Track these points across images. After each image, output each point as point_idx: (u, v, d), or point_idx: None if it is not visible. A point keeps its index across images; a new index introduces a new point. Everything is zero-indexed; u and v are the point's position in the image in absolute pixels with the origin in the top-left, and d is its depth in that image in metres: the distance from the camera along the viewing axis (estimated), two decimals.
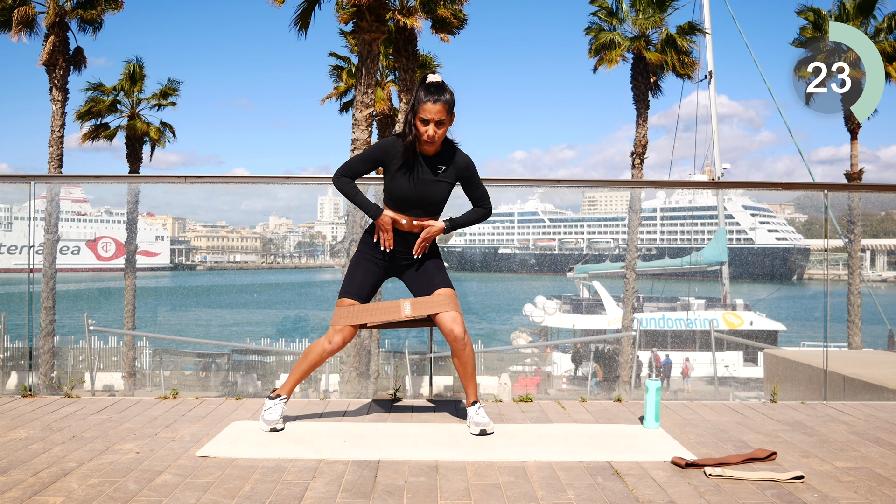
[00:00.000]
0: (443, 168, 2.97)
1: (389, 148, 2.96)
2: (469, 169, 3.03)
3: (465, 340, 2.96)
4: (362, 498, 2.16)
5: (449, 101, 2.87)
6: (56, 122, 17.64)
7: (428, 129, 2.86)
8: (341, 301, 3.02)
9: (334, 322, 2.99)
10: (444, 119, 2.87)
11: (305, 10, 14.58)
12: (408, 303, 3.00)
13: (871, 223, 69.39)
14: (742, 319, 22.55)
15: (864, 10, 18.54)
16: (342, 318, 2.98)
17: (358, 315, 2.98)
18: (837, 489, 2.28)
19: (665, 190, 47.68)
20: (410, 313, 2.99)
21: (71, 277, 50.48)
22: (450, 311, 2.96)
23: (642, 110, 18.71)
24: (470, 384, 3.03)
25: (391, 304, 3.02)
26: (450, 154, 3.00)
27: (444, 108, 2.85)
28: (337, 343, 2.97)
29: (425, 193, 2.95)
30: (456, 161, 3.00)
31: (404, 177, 2.93)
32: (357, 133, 13.23)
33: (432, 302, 2.98)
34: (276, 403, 2.99)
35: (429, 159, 2.96)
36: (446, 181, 2.99)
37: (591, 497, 2.19)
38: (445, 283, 3.05)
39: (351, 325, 2.97)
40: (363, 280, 3.03)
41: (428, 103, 2.84)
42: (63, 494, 2.16)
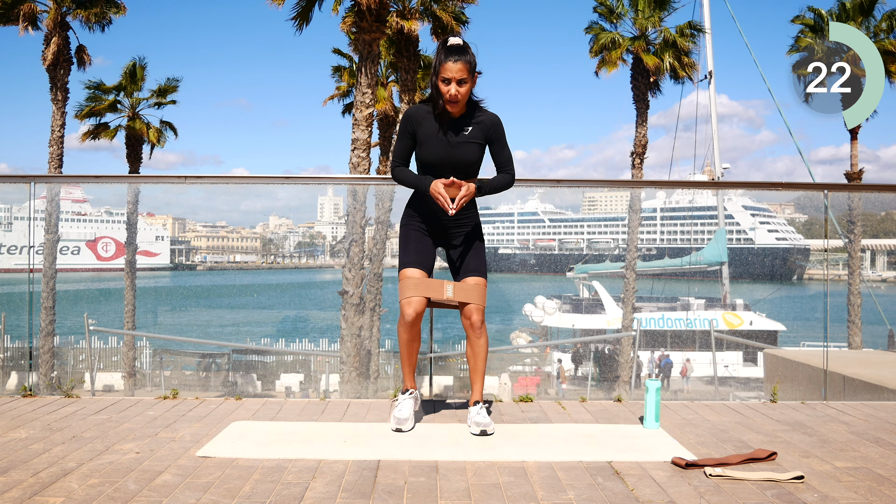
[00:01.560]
0: (469, 129, 2.96)
1: (414, 115, 2.97)
2: (496, 128, 3.00)
3: (481, 330, 2.98)
4: (362, 498, 2.16)
5: (470, 61, 2.86)
6: (56, 122, 17.65)
7: (450, 88, 2.85)
8: (402, 273, 3.00)
9: (401, 296, 2.97)
10: (465, 78, 2.84)
11: (305, 8, 14.60)
12: (451, 286, 2.99)
13: (871, 223, 69.38)
14: (742, 319, 22.56)
15: (863, 11, 18.55)
16: (407, 290, 2.95)
17: (415, 286, 2.95)
18: (837, 489, 2.28)
19: (665, 190, 47.68)
20: (452, 297, 2.98)
21: (71, 277, 50.49)
22: (475, 302, 2.98)
23: (642, 110, 18.72)
24: (477, 380, 3.04)
25: (438, 283, 3.00)
26: (476, 114, 2.98)
27: (465, 67, 2.84)
28: (410, 315, 2.92)
29: (454, 156, 2.94)
30: (482, 120, 2.98)
31: (432, 142, 2.93)
32: (357, 133, 13.23)
33: (465, 290, 2.99)
34: (406, 398, 3.02)
35: (455, 121, 2.95)
36: (475, 142, 2.96)
37: (591, 497, 2.19)
38: (480, 269, 3.05)
39: (417, 295, 2.94)
40: (416, 247, 3.03)
41: (449, 62, 2.83)
42: (63, 494, 2.16)
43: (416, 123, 2.95)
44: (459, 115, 2.96)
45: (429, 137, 2.94)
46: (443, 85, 2.86)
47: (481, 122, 2.97)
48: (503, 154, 3.04)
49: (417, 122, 2.95)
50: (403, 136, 3.00)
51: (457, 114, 2.95)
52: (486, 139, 2.99)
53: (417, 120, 2.95)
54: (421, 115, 2.96)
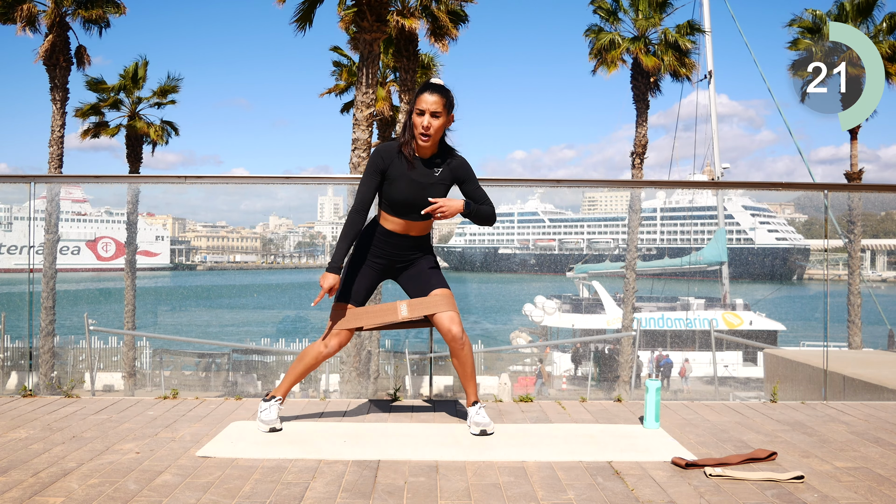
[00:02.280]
0: (438, 171, 2.96)
1: (384, 152, 2.94)
2: (464, 167, 3.00)
3: (463, 340, 2.95)
4: (362, 498, 2.16)
5: (447, 96, 2.88)
6: (56, 121, 17.64)
7: (423, 119, 2.85)
8: (337, 305, 3.01)
9: (330, 326, 2.99)
10: (439, 111, 2.85)
11: (307, 9, 14.59)
12: (404, 304, 3.00)
13: (871, 223, 69.39)
14: (741, 319, 22.55)
15: (863, 11, 18.55)
16: (338, 322, 2.98)
17: (355, 319, 2.98)
18: (837, 489, 2.28)
19: (665, 190, 47.69)
20: (407, 315, 2.98)
21: (71, 277, 50.50)
22: (447, 311, 2.95)
23: (642, 110, 18.72)
24: (470, 384, 3.03)
25: (387, 306, 3.02)
26: (445, 156, 2.99)
27: (440, 101, 2.85)
28: (333, 347, 2.97)
29: (422, 196, 2.93)
30: (450, 161, 2.99)
31: (400, 180, 2.92)
32: (357, 133, 13.23)
33: (429, 303, 2.98)
34: (272, 405, 2.99)
35: (425, 162, 2.95)
36: (442, 183, 2.97)
37: (591, 497, 2.19)
38: (442, 283, 3.04)
39: (347, 328, 2.97)
40: (358, 284, 3.03)
41: (425, 94, 2.86)
42: (63, 494, 2.16)
43: (388, 161, 2.92)
44: (430, 156, 2.96)
45: (399, 177, 2.92)
46: (417, 117, 2.87)
47: (450, 164, 2.98)
48: (478, 192, 3.03)
49: (389, 160, 2.92)
50: (372, 174, 2.92)
51: (427, 153, 2.94)
52: (453, 180, 3.00)
53: (389, 158, 2.92)
54: (393, 153, 2.93)
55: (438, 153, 2.98)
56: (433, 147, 2.94)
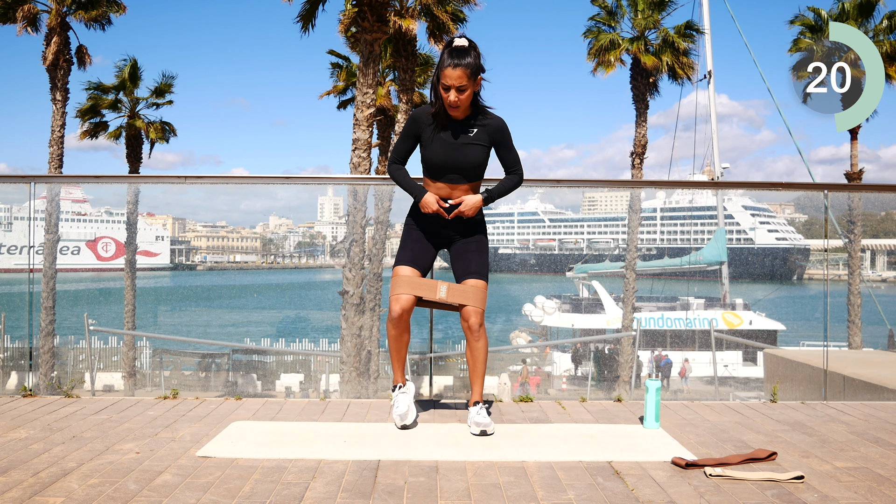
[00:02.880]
0: (473, 131, 2.96)
1: (419, 117, 2.98)
2: (501, 132, 3.00)
3: (479, 333, 2.99)
4: (362, 498, 2.16)
5: (471, 66, 2.83)
6: (56, 122, 17.65)
7: (449, 95, 2.85)
8: (396, 270, 3.03)
9: (391, 292, 3.01)
10: (465, 84, 2.83)
11: (309, 10, 14.61)
12: (445, 287, 3.02)
13: (871, 223, 69.41)
14: (741, 319, 22.56)
15: (863, 11, 18.55)
16: (397, 287, 2.99)
17: (412, 286, 2.99)
18: (837, 489, 2.28)
19: (665, 190, 47.69)
20: (445, 297, 3.00)
21: (71, 277, 50.50)
22: (474, 305, 2.99)
23: (642, 110, 18.72)
24: (477, 381, 3.05)
25: (432, 283, 3.03)
26: (480, 117, 2.98)
27: (464, 74, 2.82)
28: (396, 311, 2.96)
29: (458, 158, 2.94)
30: (487, 123, 2.98)
31: (436, 143, 2.94)
32: (358, 133, 13.22)
33: (462, 291, 3.00)
34: (397, 394, 3.03)
35: (459, 123, 2.95)
36: (479, 143, 2.96)
37: (591, 497, 2.19)
38: (480, 272, 3.05)
39: (406, 293, 2.97)
40: (415, 247, 3.06)
41: (448, 69, 2.82)
42: (63, 494, 2.16)
43: (422, 126, 2.96)
44: (464, 118, 2.97)
45: (433, 139, 2.95)
46: (443, 91, 2.86)
47: (486, 126, 2.97)
48: (510, 156, 3.05)
49: (423, 125, 2.96)
50: (406, 136, 3.01)
51: (460, 117, 2.95)
52: (490, 142, 3.00)
53: (423, 122, 2.97)
54: (426, 118, 2.97)
55: (472, 114, 2.98)
56: (465, 111, 2.95)
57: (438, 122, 2.94)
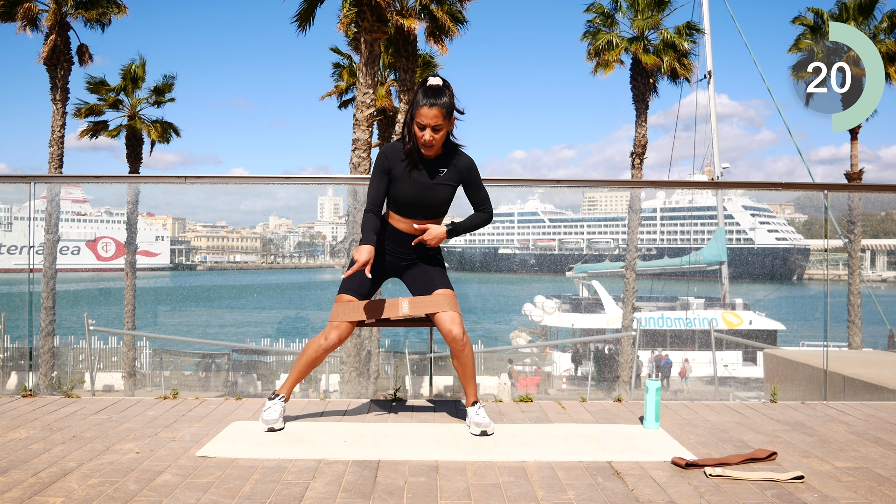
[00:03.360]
0: (444, 171, 2.96)
1: (390, 153, 2.95)
2: (471, 171, 3.01)
3: (463, 341, 2.94)
4: (362, 498, 2.16)
5: (447, 105, 2.83)
6: (56, 122, 17.64)
7: (425, 134, 2.84)
8: (340, 297, 3.00)
9: (332, 318, 2.97)
10: (440, 124, 2.83)
11: (307, 9, 14.60)
12: (406, 301, 3.00)
13: (871, 223, 69.43)
14: (741, 319, 22.56)
15: (864, 11, 18.55)
16: (339, 315, 2.96)
17: (355, 312, 2.97)
18: (837, 489, 2.28)
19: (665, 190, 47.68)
20: (408, 311, 2.98)
21: (71, 277, 50.51)
22: (448, 312, 2.94)
23: (642, 110, 18.72)
24: (470, 385, 3.03)
25: (389, 301, 3.02)
26: (451, 156, 2.98)
27: (440, 113, 2.81)
28: (333, 340, 2.95)
29: (428, 198, 2.94)
30: (457, 163, 2.98)
31: (405, 181, 2.93)
32: (358, 133, 13.23)
33: (431, 302, 2.98)
34: (275, 403, 2.98)
35: (430, 162, 2.95)
36: (447, 184, 2.97)
37: (591, 497, 2.19)
38: (445, 284, 3.04)
39: (348, 321, 2.95)
40: (363, 277, 3.01)
41: (424, 108, 2.81)
42: (63, 494, 2.16)
43: (393, 162, 2.94)
44: (435, 157, 2.96)
45: (403, 176, 2.93)
46: (418, 130, 2.85)
47: (456, 165, 2.98)
48: (479, 195, 3.06)
49: (394, 161, 2.94)
50: (378, 174, 2.96)
51: (432, 156, 2.95)
52: (459, 182, 3.01)
53: (394, 158, 2.94)
54: (398, 154, 2.94)
55: (444, 154, 2.97)
56: (438, 150, 2.95)
57: (411, 160, 2.92)
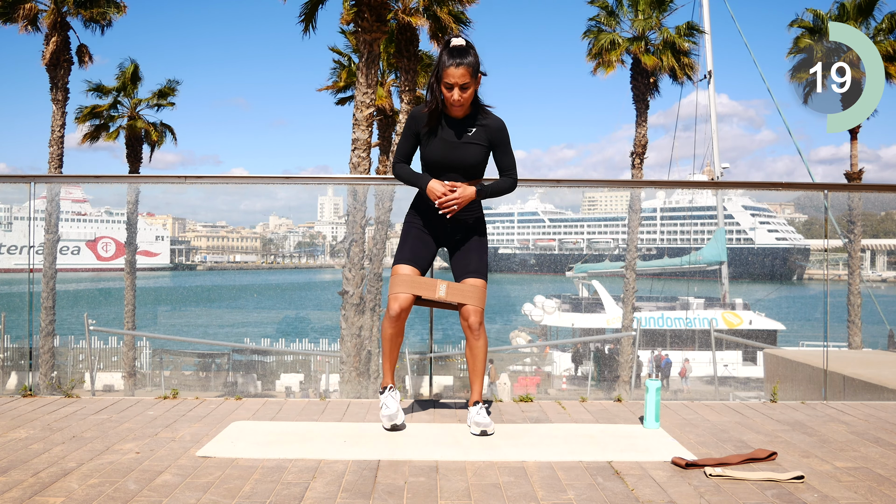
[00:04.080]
0: (472, 130, 2.97)
1: (418, 115, 2.99)
2: (501, 132, 3.00)
3: (479, 332, 2.99)
4: (362, 498, 2.16)
5: (472, 64, 2.85)
6: (56, 122, 17.64)
7: (453, 93, 2.86)
8: (395, 269, 3.02)
9: (390, 291, 2.99)
10: (468, 82, 2.85)
11: (310, 10, 14.62)
12: (444, 285, 3.01)
13: (871, 223, 69.46)
14: (741, 319, 22.56)
15: (863, 11, 18.55)
16: (395, 286, 2.98)
17: (411, 284, 2.98)
18: (837, 489, 2.28)
19: (665, 190, 47.68)
20: (444, 296, 3.00)
21: (71, 277, 50.48)
22: (473, 304, 2.98)
23: (642, 110, 18.72)
24: (476, 381, 3.04)
25: (431, 282, 3.02)
26: (480, 117, 2.99)
27: (467, 72, 2.83)
28: (394, 310, 2.95)
29: (457, 157, 2.95)
30: (487, 123, 2.99)
31: (434, 142, 2.95)
32: (358, 133, 13.23)
33: (461, 291, 3.00)
34: (386, 396, 3.01)
35: (458, 122, 2.96)
36: (478, 143, 2.97)
37: (591, 497, 2.19)
38: (480, 271, 3.05)
39: (405, 292, 2.96)
40: (414, 246, 3.05)
41: (451, 67, 2.83)
42: (63, 494, 2.16)
43: (421, 123, 2.98)
44: (464, 117, 2.97)
45: (431, 137, 2.96)
46: (446, 90, 2.87)
47: (486, 126, 2.98)
48: (506, 159, 3.05)
49: (422, 122, 2.97)
50: (407, 135, 3.02)
51: (461, 115, 2.96)
52: (489, 143, 3.00)
53: (422, 120, 2.98)
54: (425, 115, 2.98)
55: (472, 114, 2.98)
56: (466, 110, 2.96)
57: (434, 120, 2.94)
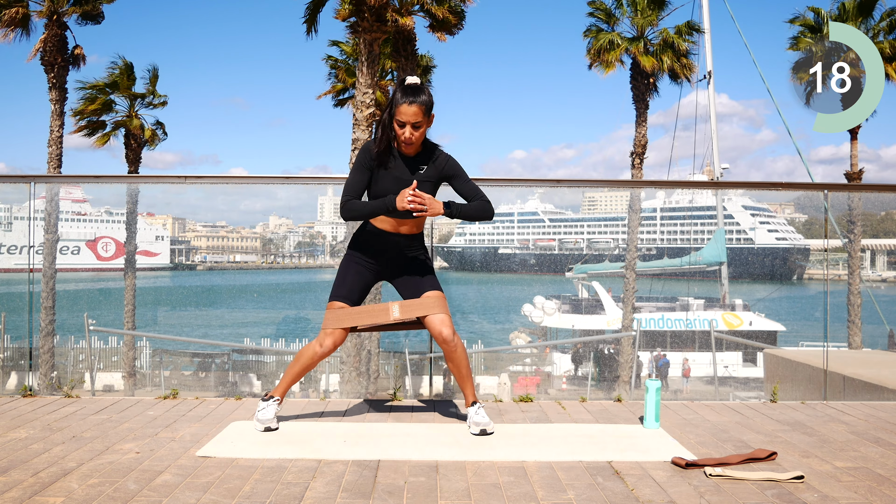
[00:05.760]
0: (423, 168, 2.97)
1: (372, 149, 2.96)
2: (450, 164, 3.00)
3: (455, 342, 2.95)
4: (362, 498, 2.16)
5: (426, 103, 2.86)
6: (55, 122, 17.61)
7: (404, 131, 2.86)
8: (331, 304, 3.02)
9: (324, 325, 2.99)
10: (420, 121, 2.86)
11: (312, 13, 14.62)
12: (396, 305, 3.00)
13: (871, 223, 69.46)
14: (741, 320, 22.55)
15: (863, 11, 18.55)
16: (332, 321, 2.98)
17: (348, 318, 2.98)
18: (837, 489, 2.28)
19: (665, 190, 47.69)
20: (399, 316, 2.98)
21: (71, 277, 50.47)
22: (438, 314, 2.95)
23: (642, 110, 18.72)
24: (467, 385, 3.03)
25: (380, 306, 3.02)
26: (430, 153, 3.00)
27: (420, 110, 2.84)
28: (328, 346, 2.97)
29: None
30: (436, 159, 3.00)
31: (385, 179, 2.94)
32: (357, 133, 13.23)
33: (421, 304, 2.98)
34: (270, 404, 2.99)
35: (409, 160, 2.97)
36: (428, 181, 2.97)
37: (591, 497, 2.19)
38: (434, 286, 3.04)
39: (341, 328, 2.97)
40: (353, 283, 3.03)
41: (404, 105, 2.83)
42: (63, 494, 2.16)
43: (372, 159, 2.95)
44: (415, 154, 2.97)
45: (383, 175, 2.94)
46: (398, 127, 2.87)
47: (436, 162, 2.99)
48: (467, 186, 3.02)
49: (376, 157, 2.94)
50: (360, 169, 2.95)
51: (412, 153, 2.96)
52: (440, 178, 3.00)
53: (373, 156, 2.95)
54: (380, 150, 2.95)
55: (422, 151, 2.99)
56: (417, 148, 2.97)
57: (386, 156, 2.93)
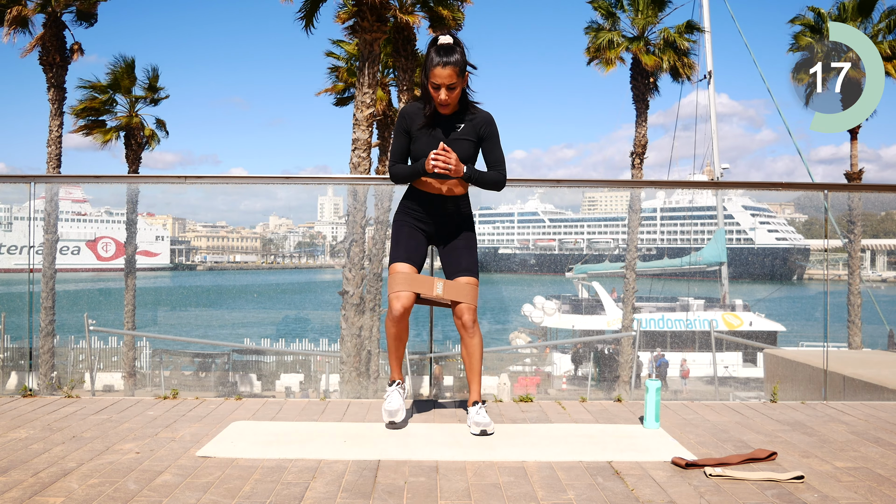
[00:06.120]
0: (461, 126, 2.99)
1: (409, 113, 3.02)
2: (489, 125, 3.02)
3: (474, 330, 3.02)
4: (362, 498, 2.16)
5: (459, 63, 2.86)
6: (54, 121, 17.60)
7: (440, 93, 2.88)
8: (392, 268, 3.03)
9: (389, 290, 3.01)
10: (454, 82, 2.87)
11: (310, 10, 14.61)
12: (441, 283, 3.03)
13: (871, 223, 69.44)
14: (741, 320, 22.54)
15: (863, 10, 18.55)
16: (395, 284, 2.98)
17: (411, 282, 2.99)
18: (837, 489, 2.28)
19: (665, 190, 47.68)
20: (441, 294, 3.01)
21: (71, 277, 50.45)
22: (466, 302, 3.01)
23: (642, 110, 18.71)
24: (474, 380, 3.06)
25: (428, 279, 3.03)
26: (468, 111, 3.01)
27: (454, 72, 2.85)
28: (397, 310, 2.95)
29: None
30: (475, 118, 3.01)
31: (424, 139, 2.97)
32: (358, 133, 13.23)
33: (456, 289, 3.01)
34: (393, 389, 3.03)
35: (447, 119, 2.99)
36: (466, 139, 2.99)
37: (591, 497, 2.19)
38: (472, 269, 3.07)
39: (406, 290, 2.96)
40: (407, 243, 3.06)
41: (437, 68, 2.85)
42: (63, 494, 2.16)
43: (411, 121, 3.01)
44: (453, 113, 3.00)
45: (421, 134, 2.98)
46: (433, 90, 2.89)
47: (473, 120, 3.01)
48: (494, 153, 3.05)
49: (411, 120, 3.00)
50: (399, 134, 3.05)
51: (449, 112, 2.99)
52: (477, 136, 3.02)
53: (411, 117, 3.01)
54: (415, 113, 3.01)
55: (460, 110, 3.01)
56: (454, 107, 2.99)
57: (428, 118, 2.97)
